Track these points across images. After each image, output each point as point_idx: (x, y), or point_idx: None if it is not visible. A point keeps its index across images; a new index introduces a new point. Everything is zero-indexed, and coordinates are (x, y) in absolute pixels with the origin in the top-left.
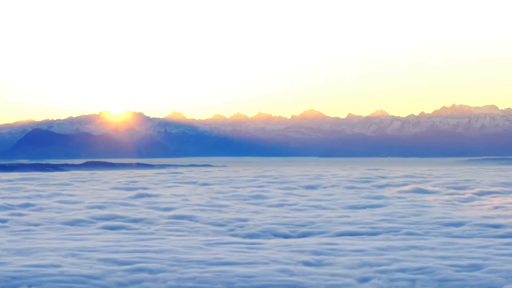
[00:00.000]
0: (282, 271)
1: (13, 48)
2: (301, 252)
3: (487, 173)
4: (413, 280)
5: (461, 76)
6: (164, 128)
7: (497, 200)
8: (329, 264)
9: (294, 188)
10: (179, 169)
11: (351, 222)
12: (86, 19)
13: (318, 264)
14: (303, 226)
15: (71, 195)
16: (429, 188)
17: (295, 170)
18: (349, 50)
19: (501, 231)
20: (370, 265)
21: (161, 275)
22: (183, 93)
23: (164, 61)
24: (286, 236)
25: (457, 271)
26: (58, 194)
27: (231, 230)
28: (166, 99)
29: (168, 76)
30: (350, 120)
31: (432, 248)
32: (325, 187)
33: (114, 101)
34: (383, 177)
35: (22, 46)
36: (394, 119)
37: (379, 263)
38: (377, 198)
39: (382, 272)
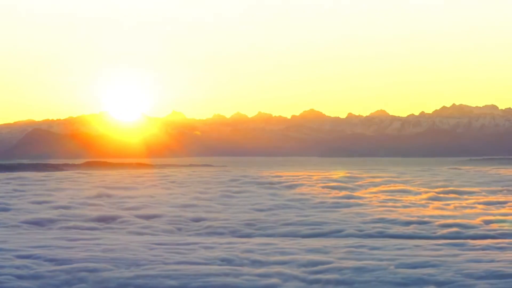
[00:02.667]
0: (206, 271)
1: (13, 48)
2: (243, 251)
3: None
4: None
5: (461, 76)
6: (164, 128)
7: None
8: (264, 264)
9: (274, 189)
10: (173, 169)
11: (303, 223)
12: (86, 19)
13: (252, 264)
14: (252, 226)
15: (47, 195)
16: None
17: (286, 171)
18: (348, 50)
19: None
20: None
21: (97, 274)
22: (183, 93)
23: (164, 61)
24: (239, 236)
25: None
26: (36, 195)
27: (180, 229)
28: (166, 99)
29: (168, 76)
30: (350, 120)
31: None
32: (300, 187)
33: (114, 101)
34: (361, 179)
35: (22, 46)
36: (394, 119)
37: (314, 262)
38: (347, 198)
39: (315, 272)
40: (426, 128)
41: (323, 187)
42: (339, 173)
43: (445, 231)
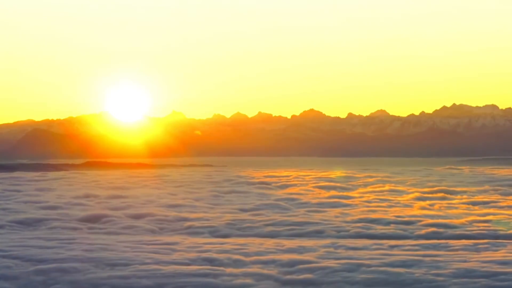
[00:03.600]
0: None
1: (13, 48)
2: (220, 251)
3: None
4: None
5: (461, 76)
6: (164, 128)
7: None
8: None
9: (265, 188)
10: (171, 169)
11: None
12: (86, 19)
13: (229, 264)
14: (233, 226)
15: (36, 195)
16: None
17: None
18: (348, 50)
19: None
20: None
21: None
22: (183, 93)
23: (164, 61)
24: (218, 236)
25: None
26: (26, 195)
27: (162, 229)
28: (166, 99)
29: (168, 76)
30: (350, 120)
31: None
32: (292, 187)
33: (114, 101)
34: (356, 178)
35: (22, 46)
36: (394, 119)
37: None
38: (337, 197)
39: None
40: (426, 128)
41: (315, 187)
42: (335, 173)
43: (425, 231)
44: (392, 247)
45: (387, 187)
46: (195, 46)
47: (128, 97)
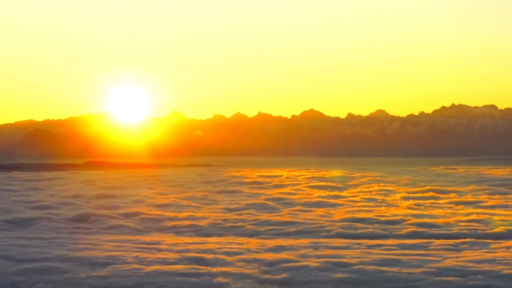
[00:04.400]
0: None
1: (13, 48)
2: (201, 251)
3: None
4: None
5: (460, 76)
6: (164, 128)
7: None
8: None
9: (259, 188)
10: (169, 169)
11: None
12: (86, 18)
13: (209, 263)
14: (218, 225)
15: (28, 195)
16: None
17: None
18: (348, 50)
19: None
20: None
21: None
22: (183, 93)
23: (164, 61)
24: (201, 235)
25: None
26: (18, 194)
27: (148, 228)
28: (166, 99)
29: (168, 76)
30: (350, 120)
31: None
32: (286, 187)
33: (115, 101)
34: (352, 178)
35: (22, 46)
36: (394, 119)
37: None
38: (327, 197)
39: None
40: (426, 128)
41: (307, 187)
42: (331, 173)
43: (405, 231)
44: (372, 246)
45: (378, 187)
46: (195, 46)
47: (129, 97)
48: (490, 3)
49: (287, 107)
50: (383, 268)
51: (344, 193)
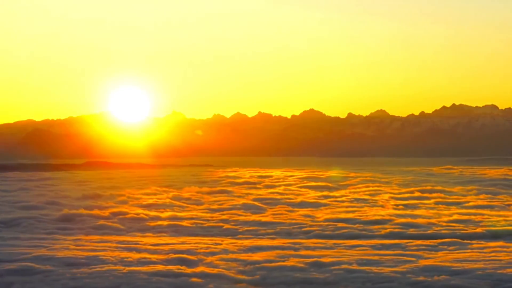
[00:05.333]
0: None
1: (13, 48)
2: (179, 251)
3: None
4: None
5: (461, 76)
6: (164, 128)
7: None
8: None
9: (250, 188)
10: (168, 169)
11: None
12: (86, 19)
13: (186, 263)
14: (199, 225)
15: (15, 195)
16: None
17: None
18: (348, 50)
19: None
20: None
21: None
22: (183, 93)
23: (164, 61)
24: (184, 235)
25: None
26: (5, 195)
27: (130, 228)
28: (166, 99)
29: (168, 76)
30: (350, 120)
31: None
32: (278, 187)
33: (114, 101)
34: (346, 178)
35: (22, 46)
36: (394, 119)
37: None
38: (316, 198)
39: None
40: (426, 128)
41: (300, 187)
42: (327, 173)
43: (386, 231)
44: (351, 246)
45: (369, 187)
46: (195, 46)
47: (128, 97)
48: (490, 3)
49: (287, 107)
50: (355, 268)
51: (334, 193)
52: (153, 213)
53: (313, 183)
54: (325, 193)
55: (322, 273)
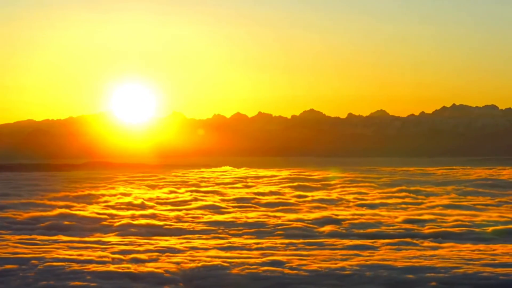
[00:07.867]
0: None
1: (13, 48)
2: (147, 251)
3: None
4: None
5: (461, 76)
6: (164, 129)
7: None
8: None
9: (234, 188)
10: (166, 169)
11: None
12: (86, 19)
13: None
14: (171, 226)
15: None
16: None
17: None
18: (348, 50)
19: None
20: None
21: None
22: (183, 93)
23: (164, 61)
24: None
25: None
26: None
27: (107, 226)
28: (166, 99)
29: (168, 76)
30: (350, 120)
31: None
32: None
33: (115, 101)
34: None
35: (22, 46)
36: (394, 119)
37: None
38: (297, 197)
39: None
40: (426, 128)
41: (284, 187)
42: (317, 173)
43: (347, 231)
44: (306, 246)
45: (348, 188)
46: (195, 46)
47: (128, 97)
48: (490, 3)
49: (287, 107)
50: (308, 268)
51: (313, 193)
52: (121, 213)
53: (296, 184)
54: (305, 193)
55: (272, 272)
